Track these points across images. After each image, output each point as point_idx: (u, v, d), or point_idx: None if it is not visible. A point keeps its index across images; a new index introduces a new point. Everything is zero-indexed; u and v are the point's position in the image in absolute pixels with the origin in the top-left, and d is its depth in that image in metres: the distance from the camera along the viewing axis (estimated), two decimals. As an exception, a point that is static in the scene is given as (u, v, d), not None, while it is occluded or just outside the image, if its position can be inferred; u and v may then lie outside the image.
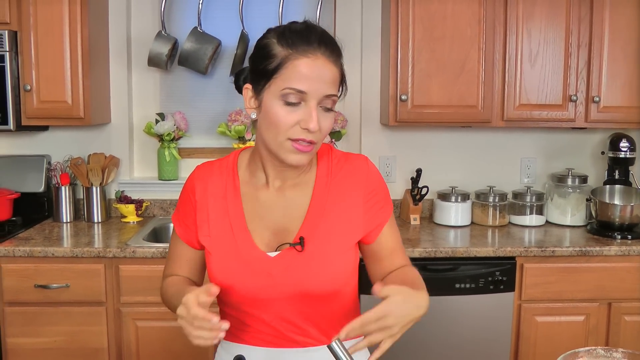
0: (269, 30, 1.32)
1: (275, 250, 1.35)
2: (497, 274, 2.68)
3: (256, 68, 1.29)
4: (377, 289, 1.13)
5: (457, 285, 2.66)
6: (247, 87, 1.32)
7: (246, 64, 3.14)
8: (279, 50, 1.25)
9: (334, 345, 1.01)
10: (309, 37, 1.25)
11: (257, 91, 1.29)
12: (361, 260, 1.45)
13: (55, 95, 2.84)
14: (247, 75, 1.37)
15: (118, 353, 2.66)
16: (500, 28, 2.92)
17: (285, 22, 3.02)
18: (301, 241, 1.33)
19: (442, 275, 2.66)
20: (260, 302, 1.35)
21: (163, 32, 3.06)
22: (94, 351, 2.64)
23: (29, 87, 2.82)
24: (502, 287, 2.69)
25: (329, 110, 1.28)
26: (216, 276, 1.36)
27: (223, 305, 1.43)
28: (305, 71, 1.22)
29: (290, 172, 1.38)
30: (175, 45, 3.09)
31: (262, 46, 1.29)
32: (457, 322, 2.69)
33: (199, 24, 3.05)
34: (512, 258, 2.70)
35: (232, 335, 1.42)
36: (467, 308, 2.68)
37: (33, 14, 2.79)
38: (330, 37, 1.29)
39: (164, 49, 3.03)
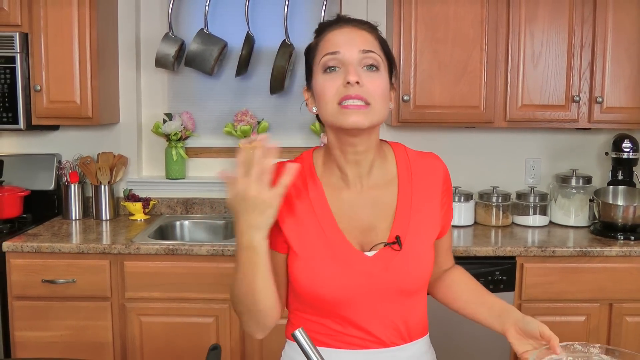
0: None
1: (370, 250, 1.34)
2: (497, 274, 2.69)
3: (306, 67, 1.37)
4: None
5: (457, 284, 2.68)
6: (305, 89, 1.38)
7: (252, 65, 3.24)
8: (314, 41, 1.34)
9: (298, 333, 1.03)
10: (336, 19, 1.34)
11: (309, 84, 1.35)
12: None
13: (64, 96, 2.91)
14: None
15: (122, 347, 2.71)
16: (502, 29, 2.93)
17: (290, 24, 3.10)
18: (398, 240, 1.33)
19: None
20: (355, 303, 1.33)
21: (170, 34, 3.11)
22: (99, 345, 2.69)
23: (39, 88, 2.89)
24: (502, 286, 2.70)
25: (374, 68, 1.29)
26: (307, 280, 1.32)
27: (306, 312, 1.39)
28: (334, 38, 1.29)
29: (365, 165, 1.36)
30: (182, 46, 3.15)
31: (306, 50, 1.38)
32: (457, 321, 2.69)
33: (206, 25, 3.10)
34: (513, 258, 2.71)
35: (313, 340, 1.37)
36: (467, 307, 2.69)
37: (43, 17, 2.86)
38: (360, 19, 1.34)
39: (170, 50, 3.09)
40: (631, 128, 3.08)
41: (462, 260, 2.67)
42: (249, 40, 3.13)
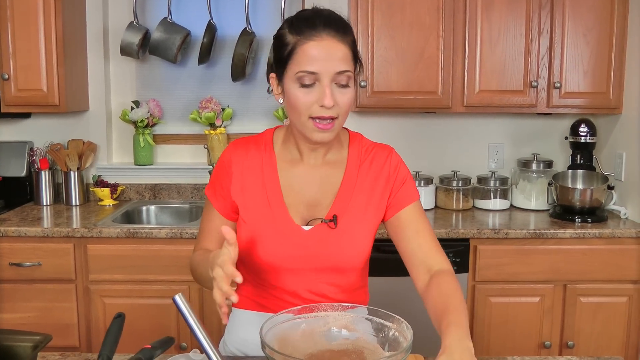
0: (284, 21, 1.42)
1: (308, 224, 1.46)
2: (451, 255, 2.74)
3: (276, 58, 1.41)
4: None
5: (411, 266, 2.73)
6: (272, 77, 1.43)
7: (215, 53, 3.28)
8: (290, 38, 1.35)
9: (177, 298, 1.09)
10: (314, 21, 1.34)
11: (280, 79, 1.40)
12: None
13: (31, 84, 2.98)
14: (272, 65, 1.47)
15: (87, 328, 2.79)
16: (459, 15, 2.96)
17: (251, 13, 3.14)
18: (334, 219, 1.45)
19: (394, 256, 2.69)
20: (290, 273, 1.45)
21: (135, 23, 3.17)
22: (65, 326, 2.77)
23: (7, 76, 2.95)
24: (455, 268, 2.74)
25: (346, 86, 1.36)
26: (249, 246, 1.45)
27: (249, 273, 1.50)
28: (313, 53, 1.32)
29: (321, 150, 1.48)
30: (146, 34, 3.20)
31: (278, 36, 1.40)
32: (411, 303, 2.74)
33: (169, 14, 3.16)
34: (466, 240, 2.76)
35: (254, 303, 1.52)
36: (421, 288, 2.74)
37: (10, 6, 2.92)
38: (336, 19, 1.37)
39: (134, 38, 3.15)
40: (590, 112, 3.11)
41: (414, 243, 2.73)
42: (211, 29, 3.18)
